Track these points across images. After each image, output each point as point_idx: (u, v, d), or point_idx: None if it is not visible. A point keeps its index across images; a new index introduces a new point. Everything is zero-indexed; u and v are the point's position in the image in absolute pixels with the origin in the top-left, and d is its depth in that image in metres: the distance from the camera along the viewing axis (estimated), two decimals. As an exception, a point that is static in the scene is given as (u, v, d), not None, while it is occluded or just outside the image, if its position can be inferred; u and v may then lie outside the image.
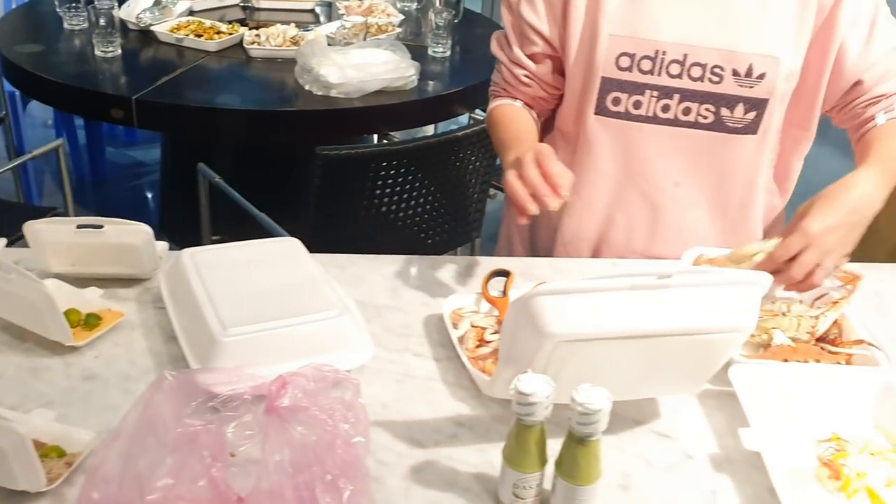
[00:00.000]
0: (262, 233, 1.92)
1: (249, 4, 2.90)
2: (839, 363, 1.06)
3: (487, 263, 1.24)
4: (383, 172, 1.76)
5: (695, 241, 1.26)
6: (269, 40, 2.47)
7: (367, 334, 1.01)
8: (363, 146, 1.74)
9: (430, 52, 2.54)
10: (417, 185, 1.87)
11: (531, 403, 0.78)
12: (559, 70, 1.27)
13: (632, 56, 1.19)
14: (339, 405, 0.85)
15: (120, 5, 2.50)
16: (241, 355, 0.92)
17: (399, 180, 1.82)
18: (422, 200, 1.93)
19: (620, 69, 1.20)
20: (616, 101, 1.22)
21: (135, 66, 2.38)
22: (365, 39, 2.54)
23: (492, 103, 1.33)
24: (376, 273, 1.22)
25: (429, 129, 3.08)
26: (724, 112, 1.21)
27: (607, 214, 1.30)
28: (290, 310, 0.96)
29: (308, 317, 0.95)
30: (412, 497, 0.86)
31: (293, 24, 2.56)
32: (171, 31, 2.50)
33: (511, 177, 1.03)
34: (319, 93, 2.23)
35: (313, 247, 1.31)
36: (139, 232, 1.08)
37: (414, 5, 2.98)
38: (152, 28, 2.50)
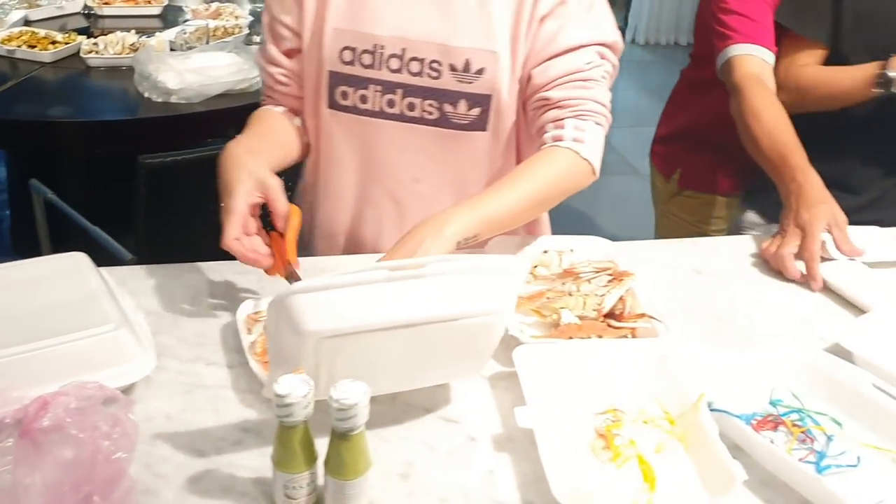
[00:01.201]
0: (101, 247, 1.88)
1: (92, 12, 2.81)
2: (625, 337, 1.10)
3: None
4: (212, 178, 1.73)
5: None
6: (108, 48, 2.40)
7: (149, 346, 1.00)
8: (187, 152, 1.70)
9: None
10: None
11: (288, 404, 0.79)
12: None
13: (353, 50, 1.20)
14: (103, 423, 0.83)
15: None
16: (8, 378, 0.89)
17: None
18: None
19: (344, 63, 1.21)
20: (344, 95, 1.24)
21: (-39, 81, 2.28)
22: (208, 43, 2.50)
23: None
24: (177, 281, 1.20)
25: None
26: (448, 108, 1.22)
27: (356, 209, 1.32)
28: (62, 328, 0.94)
29: (79, 334, 0.93)
30: (187, 507, 0.85)
31: (133, 31, 2.50)
32: (3, 42, 2.40)
33: (229, 240, 1.04)
34: (159, 99, 2.19)
35: (147, 258, 1.29)
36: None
37: (265, 6, 2.94)
38: (-20, 40, 2.40)
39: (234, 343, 1.08)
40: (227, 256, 1.22)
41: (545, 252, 1.21)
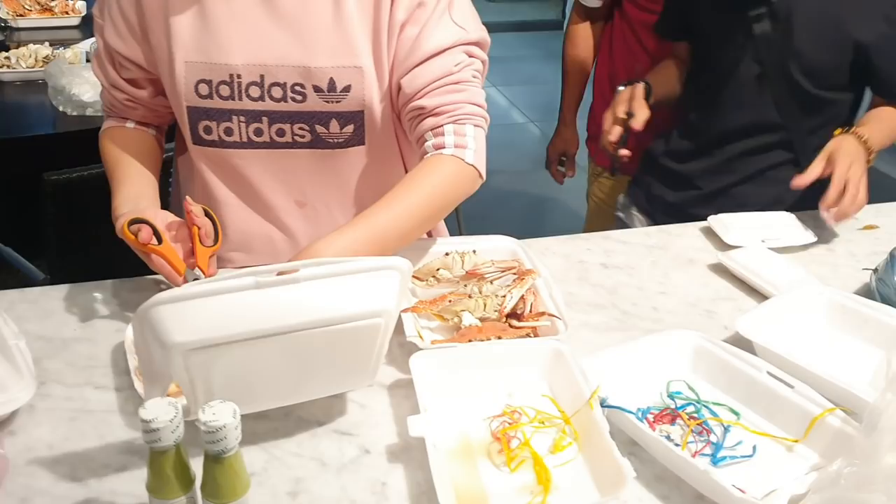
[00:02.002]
0: (13, 269, 1.83)
1: (7, 24, 2.74)
2: (527, 336, 1.09)
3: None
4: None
5: None
6: (20, 62, 2.34)
7: (28, 375, 0.96)
8: (94, 167, 1.66)
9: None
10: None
11: (154, 429, 0.76)
12: (164, 92, 1.21)
13: (209, 83, 1.14)
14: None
15: None
16: None
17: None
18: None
19: (201, 97, 1.15)
20: (207, 130, 1.18)
21: None
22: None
23: (104, 124, 1.27)
24: (70, 303, 1.17)
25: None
26: (320, 129, 1.18)
27: (244, 242, 1.27)
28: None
29: (-53, 366, 0.90)
30: (62, 540, 0.82)
31: (47, 43, 2.44)
32: (-90, 60, 2.33)
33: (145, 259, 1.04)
34: (74, 113, 2.13)
35: (58, 277, 1.25)
36: None
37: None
38: None
39: (124, 365, 1.04)
40: (145, 272, 1.19)
41: (447, 254, 1.19)
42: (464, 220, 2.90)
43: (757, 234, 1.40)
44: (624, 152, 1.49)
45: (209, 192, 1.24)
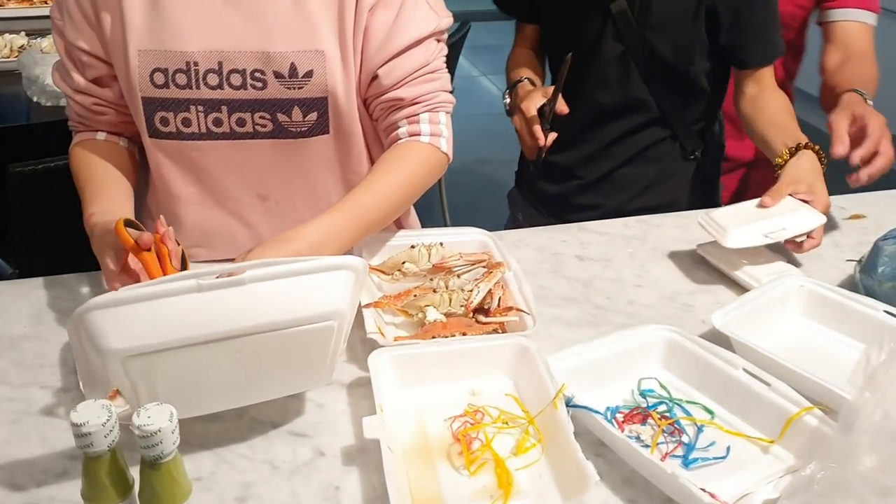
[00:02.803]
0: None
1: (-16, 15, 2.69)
2: (495, 331, 1.05)
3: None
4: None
5: None
6: (-7, 52, 2.30)
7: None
8: (59, 158, 1.61)
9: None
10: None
11: (86, 434, 0.72)
12: None
13: (164, 71, 1.09)
14: None
15: None
16: None
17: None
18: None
19: (157, 87, 1.10)
20: (164, 122, 1.13)
21: None
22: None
23: (73, 140, 1.21)
24: (23, 300, 1.13)
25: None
26: (282, 118, 1.13)
27: (206, 239, 1.22)
28: None
29: None
30: (-5, 551, 0.78)
31: (23, 33, 2.39)
32: None
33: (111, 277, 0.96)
34: (49, 103, 2.09)
35: (28, 271, 1.21)
36: None
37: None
38: None
39: (73, 364, 1.00)
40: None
41: (412, 247, 1.15)
42: (451, 210, 2.86)
43: (757, 228, 1.22)
44: (551, 137, 1.39)
45: (167, 188, 1.20)
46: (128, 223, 0.99)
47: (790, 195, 1.26)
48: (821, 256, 1.31)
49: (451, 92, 1.20)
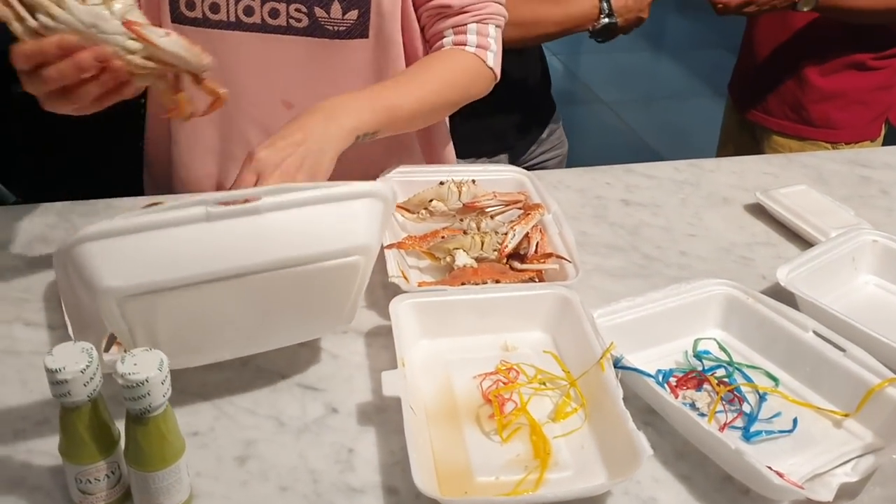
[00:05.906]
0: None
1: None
2: (531, 279, 0.94)
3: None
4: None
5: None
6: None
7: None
8: None
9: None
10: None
11: (62, 381, 0.62)
12: None
13: None
14: None
15: None
16: None
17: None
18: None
19: None
20: (190, 5, 1.03)
21: None
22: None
23: None
24: (10, 228, 1.03)
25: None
26: (319, 12, 1.02)
27: (221, 148, 1.12)
28: None
29: None
30: (-37, 507, 0.69)
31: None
32: None
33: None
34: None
35: (32, 200, 1.14)
36: None
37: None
38: None
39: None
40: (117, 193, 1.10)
41: (441, 183, 1.03)
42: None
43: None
44: None
45: None
46: None
47: None
48: (891, 210, 1.19)
49: (504, 6, 1.10)
